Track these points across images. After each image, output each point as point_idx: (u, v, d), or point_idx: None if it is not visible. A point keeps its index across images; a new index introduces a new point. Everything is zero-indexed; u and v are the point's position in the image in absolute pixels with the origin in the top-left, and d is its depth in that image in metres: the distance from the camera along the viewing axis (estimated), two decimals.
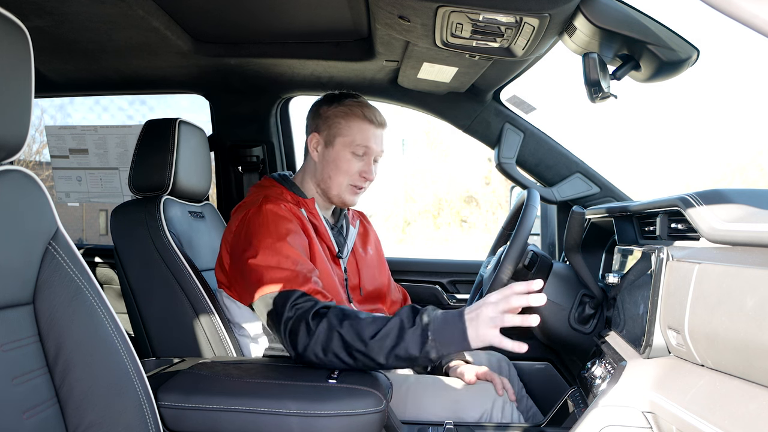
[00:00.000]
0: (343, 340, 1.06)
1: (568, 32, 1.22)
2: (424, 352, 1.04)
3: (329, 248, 1.38)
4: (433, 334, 1.04)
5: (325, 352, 1.08)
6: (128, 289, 1.47)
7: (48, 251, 0.86)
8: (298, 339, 1.10)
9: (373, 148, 1.38)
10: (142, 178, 1.52)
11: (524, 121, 1.83)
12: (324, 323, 1.08)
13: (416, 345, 1.04)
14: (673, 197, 1.01)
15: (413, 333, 1.05)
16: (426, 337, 1.04)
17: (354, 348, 1.06)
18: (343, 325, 1.07)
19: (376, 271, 1.54)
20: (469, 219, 18.53)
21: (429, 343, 1.03)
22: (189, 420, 1.00)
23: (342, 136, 1.37)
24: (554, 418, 1.32)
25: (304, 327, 1.09)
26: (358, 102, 1.40)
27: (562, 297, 1.43)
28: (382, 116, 1.41)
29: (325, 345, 1.07)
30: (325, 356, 1.08)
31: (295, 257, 1.20)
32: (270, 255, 1.20)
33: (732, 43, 27.46)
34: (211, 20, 1.52)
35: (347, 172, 1.37)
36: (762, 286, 0.67)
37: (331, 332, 1.07)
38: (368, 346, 1.05)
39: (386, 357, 1.05)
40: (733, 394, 0.73)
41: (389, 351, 1.05)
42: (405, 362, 1.07)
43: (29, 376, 0.81)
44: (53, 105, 8.78)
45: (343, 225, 1.49)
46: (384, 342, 1.05)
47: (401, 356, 1.05)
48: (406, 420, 1.26)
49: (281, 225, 1.24)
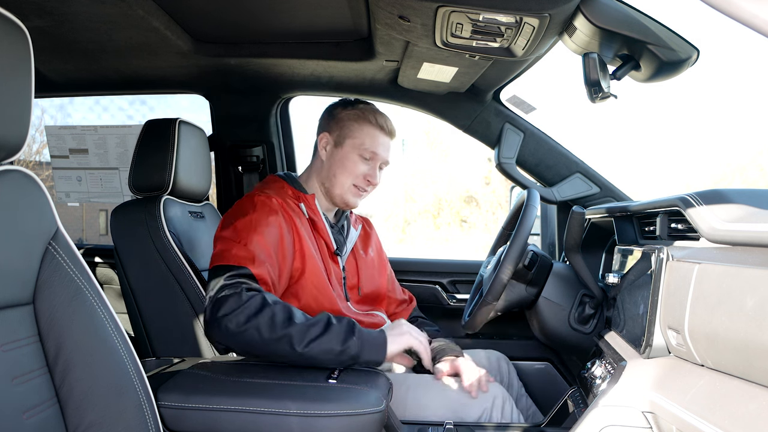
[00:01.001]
0: (272, 315, 1.10)
1: (568, 32, 1.22)
2: (345, 347, 1.11)
3: (327, 244, 1.39)
4: (358, 333, 1.13)
5: (248, 320, 1.10)
6: (128, 289, 1.47)
7: (48, 251, 0.86)
8: (225, 304, 1.11)
9: (381, 154, 1.41)
10: (142, 178, 1.52)
11: (524, 121, 1.83)
12: (258, 298, 1.13)
13: (339, 340, 1.11)
14: (673, 197, 1.01)
15: (339, 328, 1.13)
16: (351, 334, 1.12)
17: (278, 326, 1.10)
18: (276, 304, 1.13)
19: (376, 273, 1.54)
20: (469, 219, 18.54)
21: (352, 339, 1.12)
22: (189, 420, 1.00)
23: (352, 138, 1.39)
24: (554, 418, 1.32)
25: (236, 296, 1.12)
26: (372, 108, 1.44)
27: (562, 297, 1.43)
28: (392, 125, 1.44)
29: (251, 315, 1.10)
30: (246, 324, 1.10)
31: (262, 245, 1.23)
32: (239, 233, 1.23)
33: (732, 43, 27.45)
34: (211, 20, 1.52)
35: (352, 172, 1.39)
36: (762, 286, 0.67)
37: (263, 307, 1.11)
38: (293, 327, 1.10)
39: (306, 344, 1.10)
40: (733, 394, 0.73)
41: (311, 340, 1.10)
42: (321, 355, 1.11)
43: (29, 376, 0.81)
44: (53, 105, 8.79)
45: (344, 225, 1.49)
46: (309, 330, 1.11)
47: (321, 348, 1.10)
48: (406, 420, 1.26)
49: (263, 215, 1.27)
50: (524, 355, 1.88)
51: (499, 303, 1.43)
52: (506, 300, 1.45)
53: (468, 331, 1.43)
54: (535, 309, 1.46)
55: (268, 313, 1.10)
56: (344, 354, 1.12)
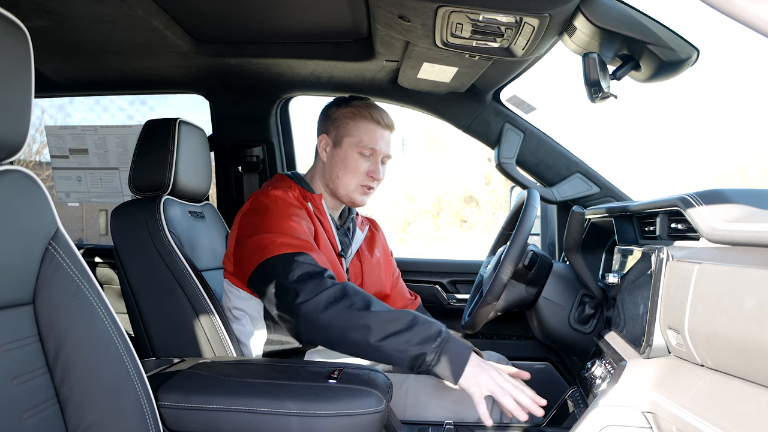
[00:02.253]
0: (351, 302, 1.05)
1: (568, 32, 1.22)
2: (420, 351, 1.04)
3: (332, 245, 1.39)
4: (441, 341, 1.04)
5: (327, 307, 1.05)
6: (128, 289, 1.47)
7: (48, 251, 0.86)
8: (305, 287, 1.07)
9: (380, 149, 1.40)
10: (142, 178, 1.52)
11: (524, 121, 1.83)
12: (339, 285, 1.07)
13: (419, 342, 1.04)
14: (673, 197, 1.01)
15: (423, 329, 1.05)
16: (433, 340, 1.04)
17: (357, 314, 1.04)
18: (357, 292, 1.07)
19: (381, 275, 1.54)
20: (469, 219, 18.55)
21: (432, 347, 1.04)
22: (189, 420, 1.00)
23: (349, 137, 1.38)
24: (554, 418, 1.32)
25: (316, 279, 1.07)
26: (366, 104, 1.43)
27: (562, 297, 1.43)
28: (390, 118, 1.42)
29: (330, 301, 1.05)
30: (324, 311, 1.05)
31: (304, 232, 1.20)
32: (277, 228, 1.19)
33: (732, 43, 27.45)
34: (211, 20, 1.52)
35: (355, 172, 1.38)
36: (762, 286, 0.67)
37: (344, 292, 1.06)
38: (371, 317, 1.04)
39: (382, 338, 1.04)
40: (733, 394, 0.73)
41: (389, 335, 1.04)
42: (394, 353, 1.05)
43: (29, 376, 0.81)
44: (53, 105, 8.78)
45: (350, 227, 1.49)
46: (388, 325, 1.04)
47: (396, 347, 1.04)
48: (406, 420, 1.26)
49: (288, 208, 1.26)
50: (524, 355, 1.88)
51: (499, 303, 1.43)
52: (506, 300, 1.45)
53: (468, 331, 1.43)
54: (535, 309, 1.46)
55: (346, 302, 1.05)
56: (419, 359, 1.05)
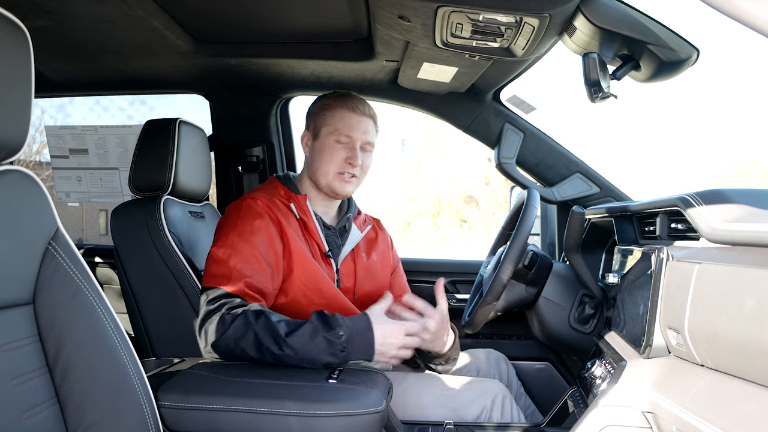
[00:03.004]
0: (255, 335, 1.13)
1: (568, 32, 1.22)
2: (330, 360, 1.12)
3: (318, 245, 1.38)
4: (345, 340, 1.13)
5: (236, 343, 1.13)
6: (128, 289, 1.47)
7: (48, 251, 0.86)
8: (209, 331, 1.16)
9: (356, 136, 1.38)
10: (142, 178, 1.52)
11: (524, 121, 1.83)
12: (240, 319, 1.15)
13: (321, 350, 1.12)
14: (673, 197, 1.01)
15: (324, 337, 1.13)
16: (337, 341, 1.13)
17: (264, 345, 1.12)
18: (258, 322, 1.14)
19: (378, 277, 1.51)
20: (469, 219, 18.55)
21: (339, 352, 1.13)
22: (189, 420, 1.00)
23: (326, 126, 1.39)
24: (554, 418, 1.32)
25: (220, 321, 1.15)
26: (343, 94, 1.43)
27: (562, 297, 1.43)
28: (367, 107, 1.42)
29: (237, 339, 1.13)
30: (234, 347, 1.14)
31: (247, 254, 1.25)
32: (224, 248, 1.26)
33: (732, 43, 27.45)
34: (211, 20, 1.52)
35: (332, 159, 1.38)
36: (762, 286, 0.67)
37: (247, 328, 1.14)
38: (283, 344, 1.12)
39: (296, 358, 1.12)
40: (733, 394, 0.73)
41: (300, 353, 1.12)
42: (307, 366, 1.13)
43: (29, 376, 0.81)
44: (53, 105, 8.78)
45: (345, 226, 1.47)
46: (296, 342, 1.12)
47: (307, 358, 1.12)
48: (406, 420, 1.26)
49: (248, 221, 1.29)
50: (524, 355, 1.88)
51: (499, 303, 1.43)
52: (506, 300, 1.45)
53: (468, 331, 1.43)
54: (535, 309, 1.46)
55: (251, 336, 1.13)
56: (332, 356, 1.13)
